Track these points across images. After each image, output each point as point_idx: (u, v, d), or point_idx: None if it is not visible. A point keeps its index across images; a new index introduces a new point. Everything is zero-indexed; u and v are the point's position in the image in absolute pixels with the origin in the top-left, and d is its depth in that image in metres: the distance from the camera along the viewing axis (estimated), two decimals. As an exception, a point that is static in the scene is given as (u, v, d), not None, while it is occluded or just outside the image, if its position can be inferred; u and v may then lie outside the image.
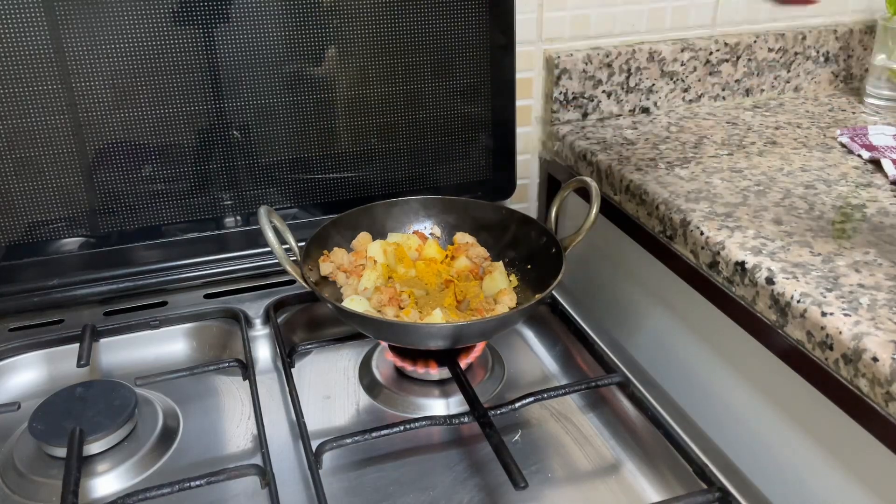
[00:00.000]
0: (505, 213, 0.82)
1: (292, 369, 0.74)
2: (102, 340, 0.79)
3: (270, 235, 0.69)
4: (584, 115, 1.04)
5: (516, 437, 0.68)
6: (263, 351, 0.80)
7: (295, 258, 0.74)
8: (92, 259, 0.83)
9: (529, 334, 0.83)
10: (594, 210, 0.73)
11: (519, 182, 1.01)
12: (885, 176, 0.88)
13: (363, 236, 0.80)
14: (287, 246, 0.74)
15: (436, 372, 0.72)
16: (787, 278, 0.67)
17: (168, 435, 0.68)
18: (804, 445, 0.69)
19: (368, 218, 0.82)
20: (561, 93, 1.00)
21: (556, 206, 0.79)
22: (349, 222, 0.81)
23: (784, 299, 0.66)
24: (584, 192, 0.76)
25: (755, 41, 1.08)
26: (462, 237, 0.82)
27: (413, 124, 0.90)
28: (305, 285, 0.71)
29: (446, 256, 0.81)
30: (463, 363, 0.72)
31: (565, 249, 0.74)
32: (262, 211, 0.70)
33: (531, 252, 0.79)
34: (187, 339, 0.81)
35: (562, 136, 1.01)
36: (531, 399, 0.69)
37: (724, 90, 1.10)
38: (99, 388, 0.68)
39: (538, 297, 0.68)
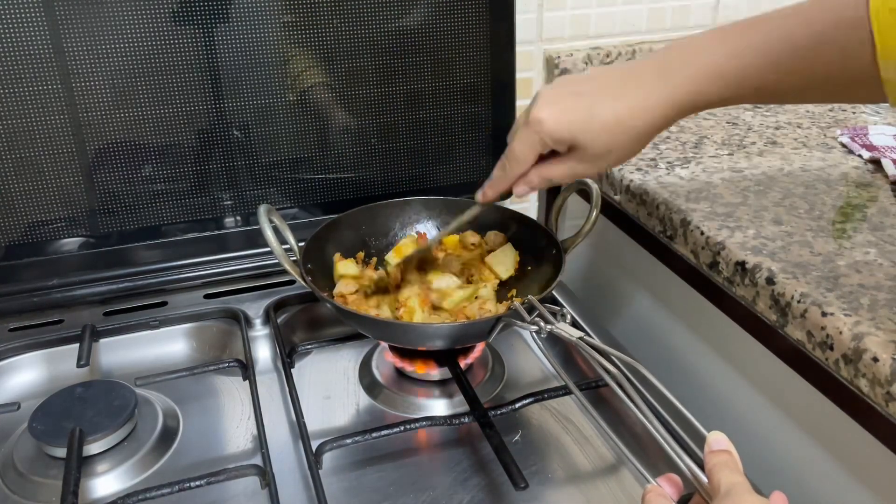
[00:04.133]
0: (505, 214, 0.82)
1: (292, 369, 0.74)
2: (102, 340, 0.79)
3: (269, 234, 0.69)
4: (585, 115, 1.04)
5: (516, 438, 0.68)
6: (263, 351, 0.80)
7: (295, 258, 0.74)
8: (92, 259, 0.83)
9: (529, 334, 0.82)
10: (594, 212, 0.73)
11: (519, 182, 1.01)
12: (886, 176, 0.88)
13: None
14: (287, 245, 0.74)
15: (436, 372, 0.72)
16: (788, 278, 0.67)
17: (168, 435, 0.68)
18: (804, 445, 0.69)
19: (369, 218, 0.82)
20: (561, 93, 1.00)
21: (557, 207, 0.78)
22: (349, 222, 0.81)
23: (784, 299, 0.66)
24: (584, 193, 0.76)
25: (755, 41, 1.08)
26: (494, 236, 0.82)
27: (413, 124, 0.90)
28: (305, 284, 0.71)
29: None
30: (463, 363, 0.72)
31: (566, 251, 0.74)
32: (262, 209, 0.70)
33: (531, 253, 0.79)
34: (187, 340, 0.81)
35: (562, 136, 1.00)
36: (531, 399, 0.69)
37: (724, 90, 1.10)
38: (99, 388, 0.68)
39: (538, 297, 0.68)
